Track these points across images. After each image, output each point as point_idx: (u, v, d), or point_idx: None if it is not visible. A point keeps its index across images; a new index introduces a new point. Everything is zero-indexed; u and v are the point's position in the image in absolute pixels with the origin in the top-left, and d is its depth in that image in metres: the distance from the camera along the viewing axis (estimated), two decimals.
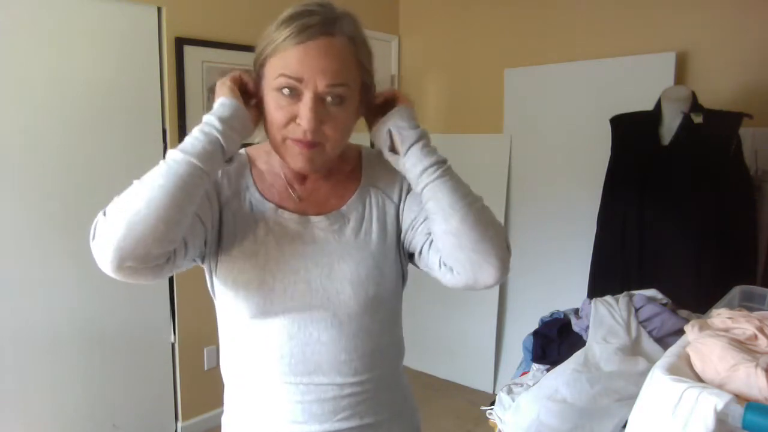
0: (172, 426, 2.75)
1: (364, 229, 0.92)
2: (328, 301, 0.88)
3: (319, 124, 0.81)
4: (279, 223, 0.90)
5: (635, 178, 2.20)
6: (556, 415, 1.29)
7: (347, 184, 0.96)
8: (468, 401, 3.20)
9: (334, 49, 0.81)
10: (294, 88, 0.81)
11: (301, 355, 0.88)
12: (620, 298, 1.61)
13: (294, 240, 0.89)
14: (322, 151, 0.85)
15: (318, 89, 0.80)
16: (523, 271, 3.24)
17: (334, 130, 0.83)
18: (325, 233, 0.91)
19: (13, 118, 2.15)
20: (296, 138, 0.82)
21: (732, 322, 1.00)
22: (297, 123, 0.82)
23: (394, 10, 3.73)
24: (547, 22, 3.05)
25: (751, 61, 2.44)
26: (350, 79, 0.83)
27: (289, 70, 0.80)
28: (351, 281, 0.88)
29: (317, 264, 0.88)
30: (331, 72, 0.80)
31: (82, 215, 2.35)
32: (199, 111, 2.67)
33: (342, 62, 0.82)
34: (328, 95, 0.81)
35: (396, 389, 1.00)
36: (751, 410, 0.76)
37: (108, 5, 2.35)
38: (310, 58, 0.80)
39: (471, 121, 3.43)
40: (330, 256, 0.89)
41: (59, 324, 2.33)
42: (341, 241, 0.90)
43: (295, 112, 0.81)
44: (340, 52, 0.82)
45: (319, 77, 0.80)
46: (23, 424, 2.27)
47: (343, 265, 0.89)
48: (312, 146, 0.83)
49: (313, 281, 0.88)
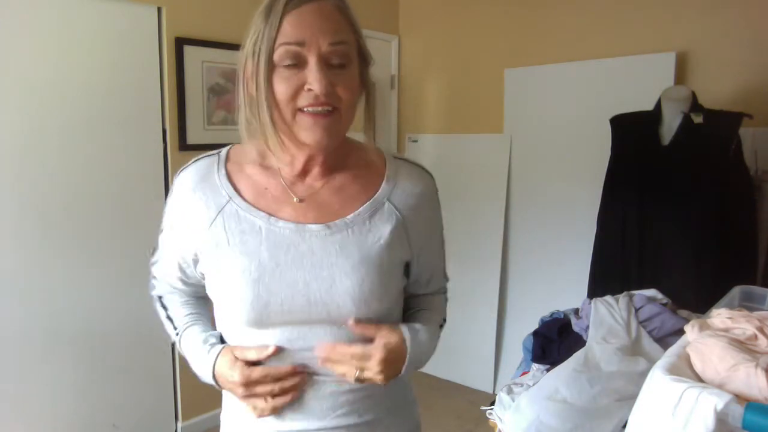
0: (172, 426, 2.75)
1: (371, 243, 0.86)
2: (329, 315, 0.84)
3: (331, 87, 0.79)
4: (272, 232, 0.85)
5: (635, 178, 2.20)
6: (556, 415, 1.29)
7: (358, 191, 0.90)
8: (468, 401, 3.20)
9: (326, 10, 0.80)
10: (297, 55, 0.78)
11: (300, 358, 0.87)
12: (620, 298, 1.61)
13: (289, 251, 0.84)
14: (338, 118, 0.82)
15: (321, 49, 0.79)
16: (523, 271, 3.24)
17: (345, 91, 0.81)
18: (326, 244, 0.85)
19: (13, 117, 2.15)
20: (309, 104, 0.79)
21: (732, 322, 1.00)
22: (307, 90, 0.79)
23: (394, 10, 3.73)
24: (547, 22, 3.05)
25: (751, 61, 2.44)
26: (348, 38, 0.82)
27: (289, 36, 0.78)
28: (353, 297, 0.83)
29: (317, 278, 0.83)
30: (330, 30, 0.79)
31: (82, 215, 2.36)
32: (199, 111, 2.67)
33: (337, 22, 0.81)
34: (332, 55, 0.80)
35: (395, 385, 0.99)
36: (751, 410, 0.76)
37: (108, 5, 2.35)
38: (307, 20, 0.78)
39: (471, 121, 3.43)
40: (331, 269, 0.83)
41: (59, 324, 2.33)
42: (344, 255, 0.84)
43: (303, 80, 0.79)
44: (333, 12, 0.81)
45: (320, 37, 0.78)
46: (23, 424, 2.27)
47: (346, 280, 0.83)
48: (326, 115, 0.80)
49: (312, 295, 0.83)
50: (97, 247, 2.41)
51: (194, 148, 2.64)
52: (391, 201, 0.90)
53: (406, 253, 0.90)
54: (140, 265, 2.54)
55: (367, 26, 3.71)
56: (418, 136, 3.68)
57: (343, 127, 0.84)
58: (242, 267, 0.83)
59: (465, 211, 3.36)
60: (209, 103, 2.70)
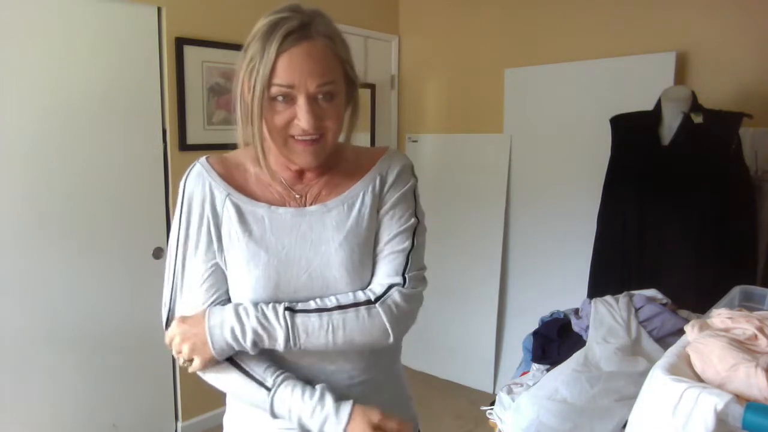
0: (172, 426, 2.75)
1: (359, 218, 0.94)
2: (327, 289, 0.91)
3: (317, 121, 0.88)
4: (275, 218, 0.93)
5: (635, 178, 2.20)
6: (556, 415, 1.29)
7: (349, 179, 0.98)
8: (468, 401, 3.20)
9: (316, 51, 0.86)
10: (288, 94, 0.86)
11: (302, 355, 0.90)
12: (620, 298, 1.61)
13: (292, 232, 0.92)
14: (324, 143, 0.91)
15: (309, 91, 0.86)
16: (523, 271, 3.24)
17: (330, 121, 0.90)
18: (324, 220, 0.93)
19: (13, 117, 2.15)
20: (298, 134, 0.88)
21: (732, 322, 1.00)
22: (296, 122, 0.88)
23: (394, 10, 3.73)
24: (547, 22, 3.06)
25: (751, 61, 2.44)
26: (335, 75, 0.89)
27: (280, 79, 0.85)
28: (347, 267, 0.91)
29: (317, 253, 0.92)
30: (318, 73, 0.86)
31: (82, 215, 2.36)
32: (199, 111, 2.67)
33: (326, 62, 0.87)
34: (319, 94, 0.87)
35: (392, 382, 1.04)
36: (751, 410, 0.75)
37: (108, 5, 2.35)
38: (296, 64, 0.85)
39: (471, 121, 3.43)
40: (327, 244, 0.92)
41: (59, 324, 2.33)
42: (337, 228, 0.93)
43: (293, 113, 0.87)
44: (322, 52, 0.87)
45: (308, 80, 0.86)
46: (23, 424, 2.27)
47: (340, 251, 0.92)
48: (314, 142, 0.89)
49: (313, 271, 0.91)
50: (97, 247, 2.41)
51: (194, 148, 2.64)
52: (380, 176, 0.98)
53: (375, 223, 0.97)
54: (140, 265, 2.55)
55: (367, 26, 3.73)
56: (418, 136, 3.68)
57: (329, 148, 0.92)
58: (252, 253, 0.90)
59: (465, 211, 3.36)
60: (209, 103, 2.70)
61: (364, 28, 3.47)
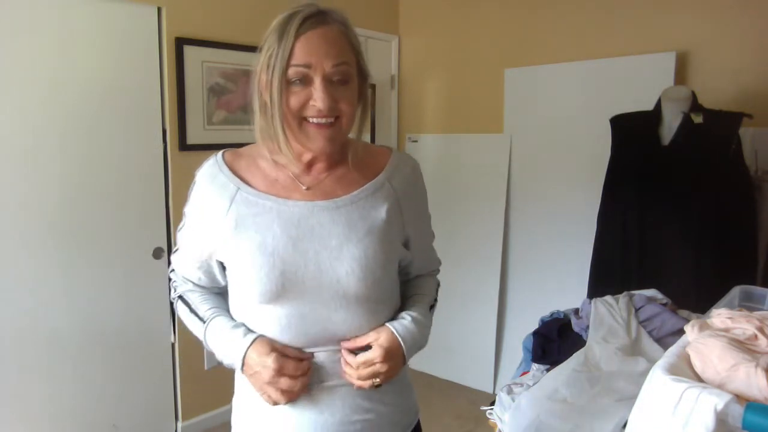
0: (172, 426, 2.75)
1: (372, 217, 0.97)
2: (338, 283, 0.93)
3: (332, 102, 0.91)
4: (283, 211, 0.95)
5: (635, 178, 2.20)
6: (556, 415, 1.29)
7: (358, 178, 1.01)
8: (468, 401, 3.20)
9: (332, 34, 0.91)
10: (304, 76, 0.90)
11: (314, 332, 0.95)
12: (620, 298, 1.61)
13: (300, 224, 0.94)
14: (339, 127, 0.94)
15: (325, 71, 0.90)
16: (523, 271, 3.24)
17: (346, 105, 0.93)
18: (333, 216, 0.95)
19: (13, 117, 2.15)
20: (313, 115, 0.91)
21: (732, 322, 1.00)
22: (312, 104, 0.91)
23: (394, 10, 3.73)
24: (547, 22, 3.06)
25: (751, 61, 2.44)
26: (349, 59, 0.93)
27: (298, 59, 0.89)
28: (360, 263, 0.93)
29: (326, 247, 0.93)
30: (333, 54, 0.90)
31: (82, 215, 2.36)
32: (199, 111, 2.67)
33: (340, 45, 0.92)
34: (335, 75, 0.91)
35: None
36: (751, 410, 0.75)
37: (108, 5, 2.35)
38: (313, 45, 0.89)
39: (471, 121, 3.43)
40: (339, 238, 0.94)
41: (59, 324, 2.33)
42: (349, 225, 0.95)
43: (309, 95, 0.91)
44: (337, 36, 0.92)
45: (324, 60, 0.90)
46: (23, 424, 2.27)
47: (352, 247, 0.94)
48: (329, 126, 0.92)
49: (322, 263, 0.93)
50: (97, 247, 2.41)
51: (194, 148, 2.64)
52: (391, 183, 1.02)
53: (400, 229, 1.02)
54: (140, 265, 2.55)
55: (367, 26, 3.73)
56: (418, 136, 3.68)
57: (343, 134, 0.96)
58: (258, 242, 0.93)
59: (465, 211, 3.36)
60: (209, 103, 2.70)
61: (364, 28, 3.47)
